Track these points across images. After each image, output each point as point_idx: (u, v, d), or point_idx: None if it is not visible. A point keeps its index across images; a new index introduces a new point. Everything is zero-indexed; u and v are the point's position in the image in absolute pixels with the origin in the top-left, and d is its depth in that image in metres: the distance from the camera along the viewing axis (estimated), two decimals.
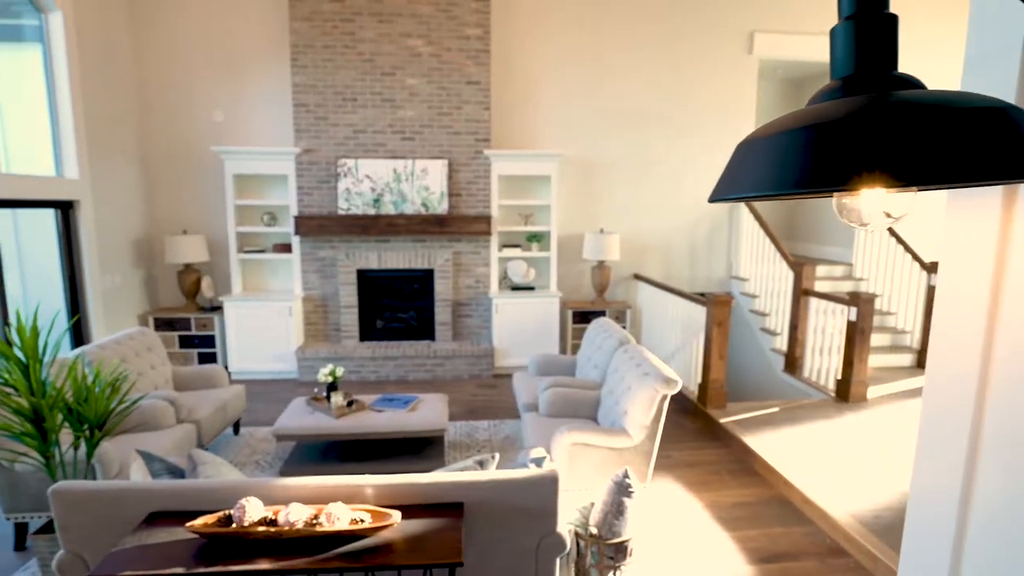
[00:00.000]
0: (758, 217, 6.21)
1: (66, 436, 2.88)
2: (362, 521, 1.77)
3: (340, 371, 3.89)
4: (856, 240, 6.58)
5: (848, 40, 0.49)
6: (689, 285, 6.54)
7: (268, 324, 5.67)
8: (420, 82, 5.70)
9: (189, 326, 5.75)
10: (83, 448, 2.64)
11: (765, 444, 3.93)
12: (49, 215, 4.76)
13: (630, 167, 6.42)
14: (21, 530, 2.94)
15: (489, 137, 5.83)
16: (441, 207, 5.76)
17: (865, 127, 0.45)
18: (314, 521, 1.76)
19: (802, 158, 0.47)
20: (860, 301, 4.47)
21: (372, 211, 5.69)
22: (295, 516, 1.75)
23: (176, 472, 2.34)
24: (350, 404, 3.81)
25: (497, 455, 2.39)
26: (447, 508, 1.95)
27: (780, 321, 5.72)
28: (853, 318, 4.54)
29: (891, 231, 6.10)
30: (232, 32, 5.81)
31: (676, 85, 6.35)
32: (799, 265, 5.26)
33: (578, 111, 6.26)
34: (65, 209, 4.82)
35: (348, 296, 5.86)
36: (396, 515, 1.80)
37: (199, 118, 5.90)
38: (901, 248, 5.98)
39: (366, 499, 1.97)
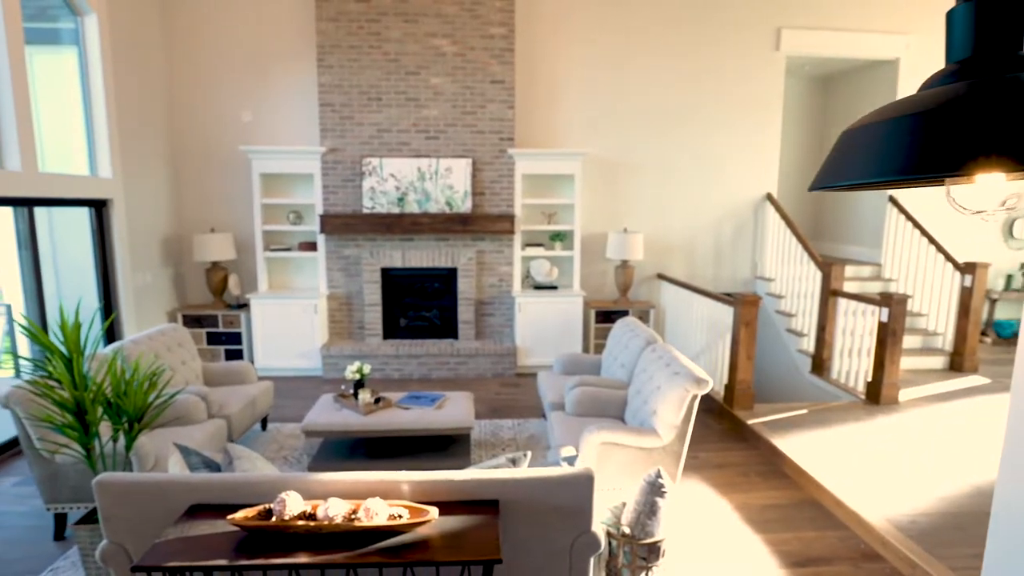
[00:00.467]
0: (784, 216, 6.13)
1: (104, 429, 2.94)
2: (400, 517, 1.78)
3: (367, 368, 3.92)
4: (885, 240, 6.47)
5: (967, 22, 0.47)
6: (713, 285, 6.47)
7: (294, 322, 5.73)
8: (444, 81, 5.72)
9: (216, 323, 5.84)
10: (121, 441, 2.69)
11: (794, 446, 3.87)
12: (80, 213, 4.86)
13: (654, 166, 6.38)
14: (61, 520, 3.01)
15: (513, 136, 5.83)
16: (465, 206, 5.77)
17: (982, 110, 0.43)
18: (352, 516, 1.77)
19: (911, 144, 0.45)
20: (892, 302, 4.39)
21: (396, 210, 5.72)
22: (334, 511, 1.76)
23: (212, 466, 2.37)
24: (377, 401, 3.83)
25: (529, 453, 2.38)
26: (483, 505, 1.95)
27: (807, 322, 5.63)
28: (885, 319, 4.46)
29: (922, 231, 5.98)
30: (259, 33, 5.88)
31: (701, 83, 6.29)
32: (828, 265, 5.18)
33: (602, 110, 6.24)
34: (99, 208, 4.91)
35: (372, 294, 5.90)
36: (433, 511, 1.80)
37: (227, 118, 5.99)
38: (933, 248, 5.86)
39: (402, 495, 1.98)
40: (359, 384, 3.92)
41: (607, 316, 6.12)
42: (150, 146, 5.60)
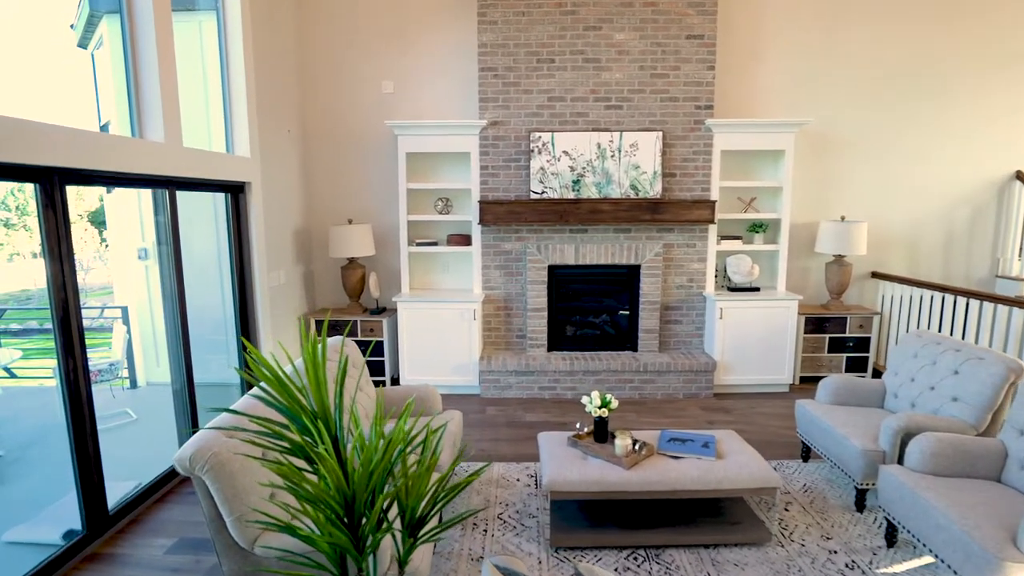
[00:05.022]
0: None
1: None
2: None
3: (614, 403, 2.90)
4: None
5: None
6: None
7: (445, 329, 4.79)
8: (630, 37, 4.66)
9: (355, 330, 4.95)
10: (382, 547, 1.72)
11: None
12: (203, 201, 4.02)
13: (870, 141, 5.16)
14: None
15: (712, 103, 4.73)
16: (653, 190, 4.71)
17: None
18: None
19: None
20: None
21: (571, 195, 4.71)
22: None
23: None
24: (638, 448, 2.81)
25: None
26: None
27: None
28: None
29: None
30: None
31: (935, 37, 5.03)
32: None
33: (811, 72, 5.06)
34: (235, 193, 4.07)
35: (537, 297, 4.90)
36: None
37: (365, 90, 5.10)
38: None
39: None
40: (602, 422, 2.91)
41: (819, 324, 4.96)
42: (283, 124, 4.75)
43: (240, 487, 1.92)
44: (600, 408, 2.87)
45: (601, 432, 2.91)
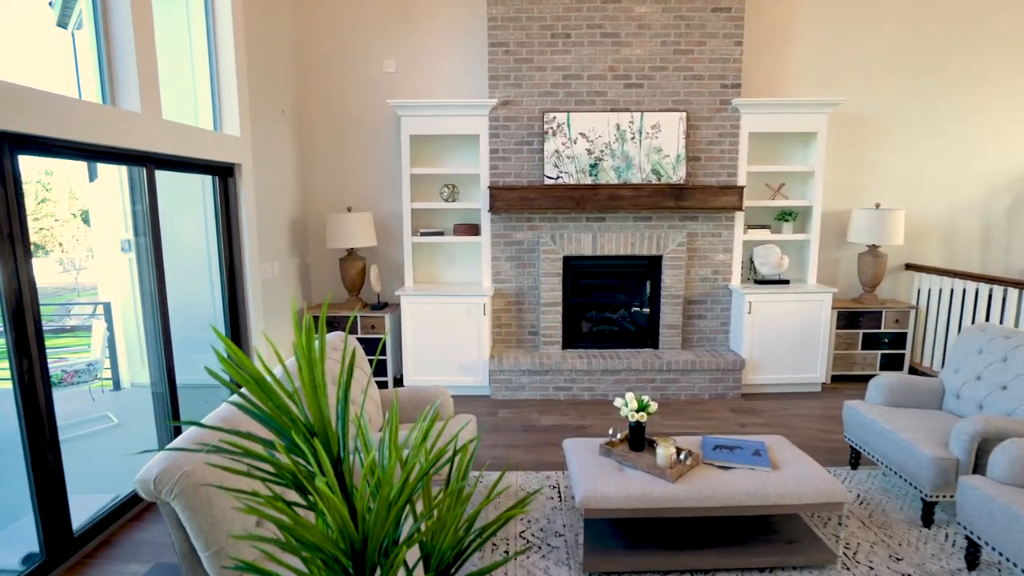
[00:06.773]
0: None
1: None
2: None
3: (653, 406, 2.55)
4: None
5: None
6: None
7: (453, 325, 4.44)
8: (652, 10, 4.32)
9: (355, 327, 4.59)
10: None
11: None
12: (189, 185, 3.65)
13: (907, 125, 4.83)
14: None
15: (740, 82, 4.39)
16: (677, 175, 4.36)
17: None
18: None
19: None
20: None
21: (588, 180, 4.36)
22: None
23: None
24: (683, 457, 2.46)
25: None
26: None
27: None
28: None
29: None
30: None
31: (978, 18, 4.70)
32: None
33: (845, 50, 4.73)
34: (224, 176, 3.71)
35: (551, 290, 4.55)
36: None
37: (366, 69, 4.73)
38: None
39: None
40: (639, 428, 2.56)
41: (852, 318, 4.62)
42: (276, 104, 4.38)
43: (219, 515, 1.56)
44: (637, 412, 2.52)
45: (637, 439, 2.56)
